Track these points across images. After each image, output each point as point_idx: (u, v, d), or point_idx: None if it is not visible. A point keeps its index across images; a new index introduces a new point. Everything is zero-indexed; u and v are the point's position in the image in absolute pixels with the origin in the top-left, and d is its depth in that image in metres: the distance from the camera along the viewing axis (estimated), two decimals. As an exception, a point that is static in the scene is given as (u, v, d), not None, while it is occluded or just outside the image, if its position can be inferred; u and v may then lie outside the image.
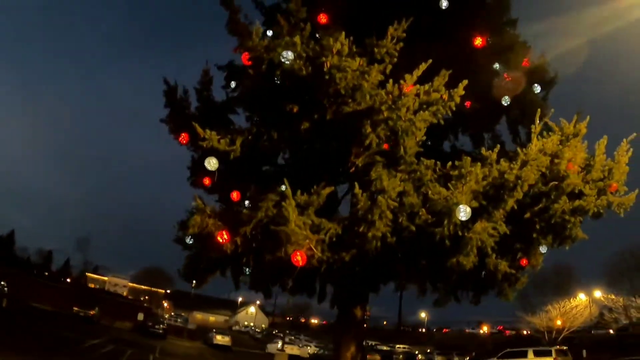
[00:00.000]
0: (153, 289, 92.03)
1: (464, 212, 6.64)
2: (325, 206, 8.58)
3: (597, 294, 45.56)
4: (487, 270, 8.84)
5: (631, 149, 8.86)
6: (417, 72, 7.19)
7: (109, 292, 74.04)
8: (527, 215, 8.47)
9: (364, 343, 10.75)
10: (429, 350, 55.13)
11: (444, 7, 8.91)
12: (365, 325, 11.28)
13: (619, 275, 45.94)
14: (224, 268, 10.70)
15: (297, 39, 7.18)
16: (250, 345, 56.43)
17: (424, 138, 7.95)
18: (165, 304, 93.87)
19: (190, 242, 10.48)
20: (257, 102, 8.09)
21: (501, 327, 74.15)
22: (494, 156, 8.15)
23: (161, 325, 42.22)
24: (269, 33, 8.25)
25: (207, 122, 8.23)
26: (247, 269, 10.55)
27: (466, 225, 7.25)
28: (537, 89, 10.31)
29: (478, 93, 10.05)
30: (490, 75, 10.44)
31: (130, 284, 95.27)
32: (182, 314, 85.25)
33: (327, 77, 6.74)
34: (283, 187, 7.71)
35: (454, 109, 7.70)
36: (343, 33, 7.08)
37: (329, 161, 9.36)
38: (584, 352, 39.69)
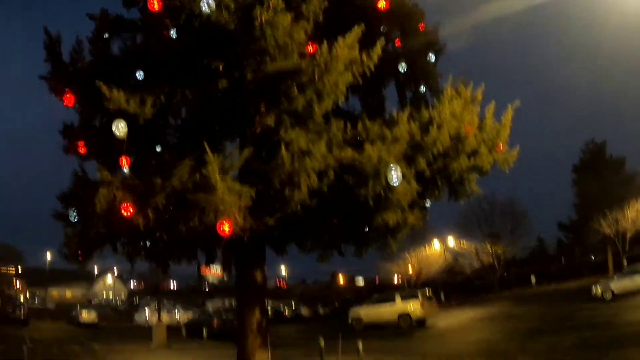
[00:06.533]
0: (2, 269, 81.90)
1: (395, 174, 6.80)
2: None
3: (451, 240, 51.34)
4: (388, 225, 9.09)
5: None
6: (351, 36, 7.03)
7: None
8: (428, 173, 9.01)
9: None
10: (293, 305, 56.89)
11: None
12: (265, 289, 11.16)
13: (469, 225, 52.33)
14: (115, 242, 9.82)
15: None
16: (115, 318, 53.68)
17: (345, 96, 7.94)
18: (17, 284, 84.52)
19: (75, 218, 9.45)
20: (170, 58, 7.20)
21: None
22: (405, 118, 8.44)
23: (22, 310, 38.58)
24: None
25: (103, 80, 7.17)
26: (147, 243, 9.80)
27: (388, 185, 7.48)
28: (432, 57, 10.79)
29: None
30: (388, 40, 10.71)
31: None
32: (38, 292, 77.47)
33: (257, 32, 6.27)
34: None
35: (372, 69, 7.75)
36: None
37: (237, 122, 8.92)
38: (442, 294, 44.90)
